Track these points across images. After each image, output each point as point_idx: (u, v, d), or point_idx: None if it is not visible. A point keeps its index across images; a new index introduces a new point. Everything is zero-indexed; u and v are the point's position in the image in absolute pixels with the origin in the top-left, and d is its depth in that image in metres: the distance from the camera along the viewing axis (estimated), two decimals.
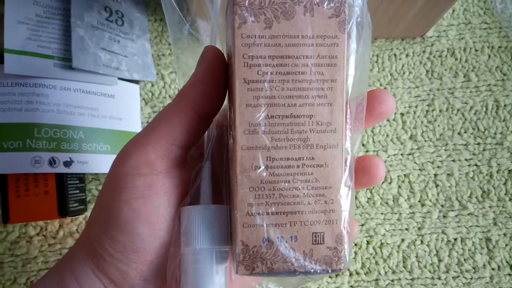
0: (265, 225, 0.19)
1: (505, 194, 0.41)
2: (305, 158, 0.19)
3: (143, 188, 0.20)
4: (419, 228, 0.40)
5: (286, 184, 0.19)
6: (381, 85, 0.44)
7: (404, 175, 0.42)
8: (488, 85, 0.44)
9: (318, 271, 0.19)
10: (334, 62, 0.19)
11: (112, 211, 0.21)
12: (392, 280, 0.39)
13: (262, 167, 0.19)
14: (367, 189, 0.41)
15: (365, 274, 0.39)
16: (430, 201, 0.41)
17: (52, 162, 0.34)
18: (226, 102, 0.22)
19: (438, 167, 0.42)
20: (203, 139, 0.24)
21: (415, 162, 0.42)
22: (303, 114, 0.19)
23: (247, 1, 0.18)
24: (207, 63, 0.21)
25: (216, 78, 0.21)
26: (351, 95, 0.20)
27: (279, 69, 0.19)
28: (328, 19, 0.19)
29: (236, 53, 0.19)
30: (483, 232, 0.41)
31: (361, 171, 0.22)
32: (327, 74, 0.19)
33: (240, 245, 0.19)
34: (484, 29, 0.45)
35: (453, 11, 0.46)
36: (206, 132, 0.23)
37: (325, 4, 0.19)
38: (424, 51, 0.45)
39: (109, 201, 0.21)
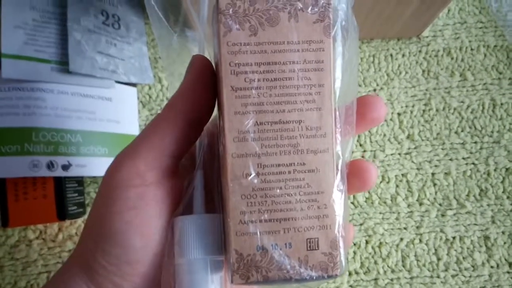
0: (258, 233, 0.19)
1: (503, 192, 0.42)
2: (296, 163, 0.19)
3: (134, 200, 0.20)
4: (417, 227, 0.40)
5: (278, 190, 0.19)
6: (377, 85, 0.44)
7: (402, 174, 0.42)
8: (485, 84, 0.44)
9: (314, 278, 0.19)
10: (321, 67, 0.19)
11: (104, 223, 0.21)
12: (391, 279, 0.39)
13: (253, 174, 0.19)
14: None
15: (364, 273, 0.39)
16: (428, 200, 0.41)
17: (50, 165, 0.35)
18: (216, 110, 0.22)
19: (436, 166, 0.42)
20: (195, 148, 0.23)
21: (412, 162, 0.42)
22: (292, 120, 0.19)
23: (231, 9, 0.18)
24: (195, 72, 0.21)
25: (205, 86, 0.21)
26: (340, 99, 0.20)
27: (266, 76, 0.19)
28: (313, 24, 0.19)
29: (223, 61, 0.19)
30: (481, 230, 0.41)
31: (353, 176, 0.22)
32: (314, 79, 0.19)
33: (234, 254, 0.19)
34: (480, 28, 0.46)
35: (449, 10, 0.46)
36: (198, 141, 0.23)
37: (309, 9, 0.19)
38: (420, 51, 0.45)
39: (101, 213, 0.21)
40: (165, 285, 0.21)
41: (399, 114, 0.43)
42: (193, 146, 0.23)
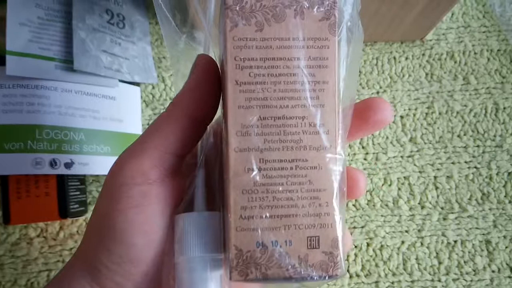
0: (259, 229, 0.19)
1: (505, 196, 0.41)
2: (298, 159, 0.19)
3: (137, 198, 0.20)
4: (419, 230, 0.40)
5: (280, 186, 0.19)
6: (380, 87, 0.44)
7: (404, 177, 0.42)
8: (488, 88, 0.44)
9: (315, 278, 0.19)
10: (325, 64, 0.19)
11: (107, 222, 0.21)
12: (392, 282, 0.39)
13: (255, 170, 0.19)
14: (367, 191, 0.41)
15: (365, 276, 0.39)
16: (430, 203, 0.41)
17: (53, 163, 0.34)
18: (220, 110, 0.22)
19: (438, 169, 0.42)
20: (198, 147, 0.23)
21: (415, 165, 0.42)
22: (295, 116, 0.19)
23: (238, 5, 0.19)
24: (199, 70, 0.21)
25: (209, 84, 0.21)
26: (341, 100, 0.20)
27: (271, 71, 0.19)
28: (318, 22, 0.19)
29: (228, 56, 0.19)
30: (483, 234, 0.41)
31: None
32: (318, 76, 0.19)
33: (234, 250, 0.19)
34: (483, 32, 0.46)
35: (452, 14, 0.46)
36: (200, 140, 0.23)
37: (315, 7, 0.19)
38: (423, 54, 0.45)
39: (104, 212, 0.21)
40: (166, 283, 0.21)
41: (402, 117, 0.43)
42: (197, 145, 0.23)
